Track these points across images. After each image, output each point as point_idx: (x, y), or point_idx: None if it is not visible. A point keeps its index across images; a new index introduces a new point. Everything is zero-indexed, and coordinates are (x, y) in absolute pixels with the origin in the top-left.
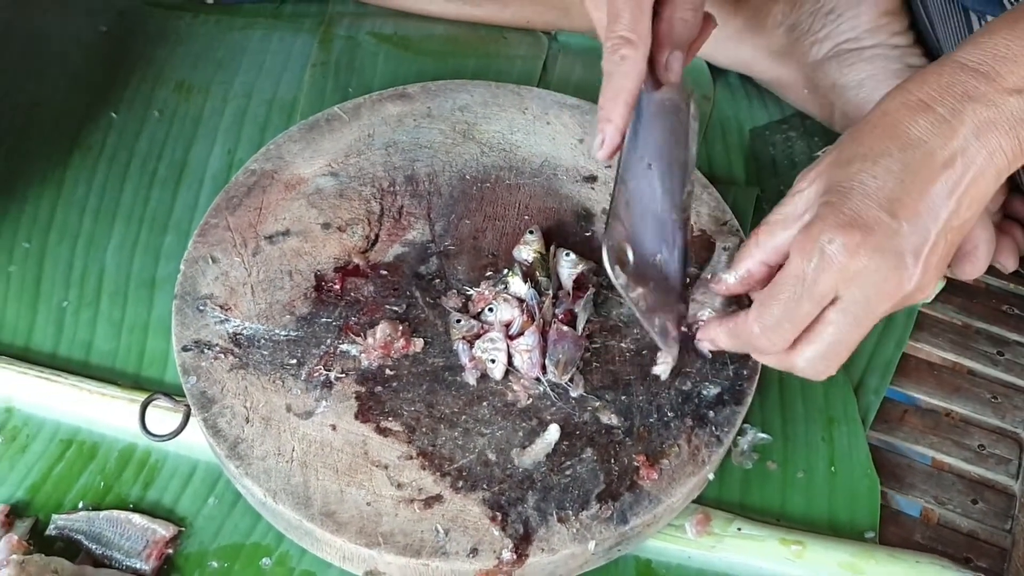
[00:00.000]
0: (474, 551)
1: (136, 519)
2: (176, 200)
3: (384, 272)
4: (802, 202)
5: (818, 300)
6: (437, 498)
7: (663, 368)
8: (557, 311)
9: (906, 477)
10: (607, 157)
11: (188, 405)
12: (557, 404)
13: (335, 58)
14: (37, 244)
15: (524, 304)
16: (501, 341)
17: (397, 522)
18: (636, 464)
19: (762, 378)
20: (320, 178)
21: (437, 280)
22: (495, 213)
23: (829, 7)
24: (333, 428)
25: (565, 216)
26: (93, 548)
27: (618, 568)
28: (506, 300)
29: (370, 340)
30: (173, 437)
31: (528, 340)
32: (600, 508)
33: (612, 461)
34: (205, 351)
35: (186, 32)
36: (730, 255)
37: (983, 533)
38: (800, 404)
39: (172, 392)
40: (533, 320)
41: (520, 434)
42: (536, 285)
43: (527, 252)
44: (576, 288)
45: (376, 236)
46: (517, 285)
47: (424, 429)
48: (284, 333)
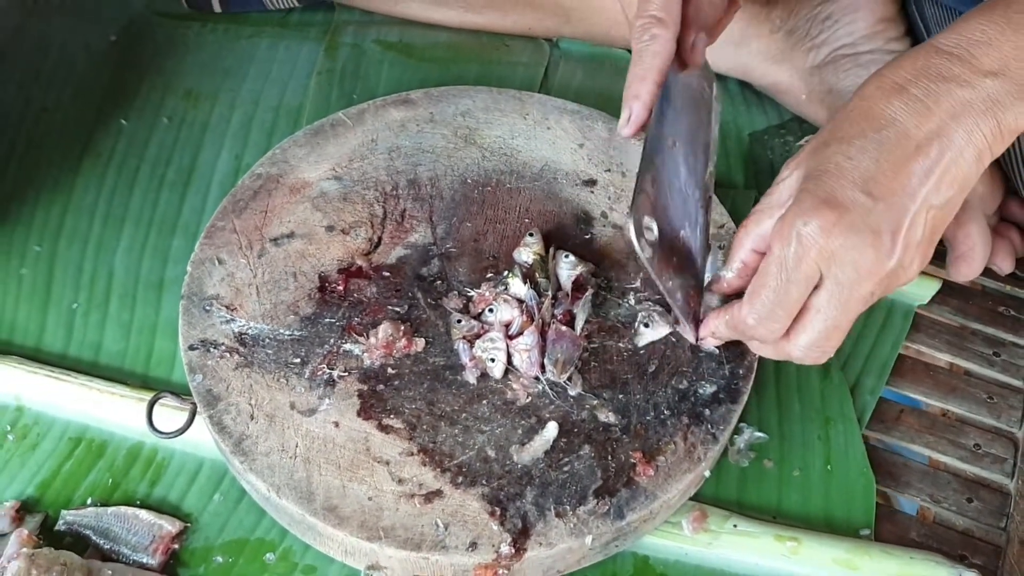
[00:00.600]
0: (473, 545)
1: (143, 515)
2: (184, 204)
3: (387, 274)
4: (786, 190)
5: (804, 282)
6: (437, 493)
7: (689, 334)
8: (556, 312)
9: (902, 476)
10: (633, 134)
11: (194, 403)
12: (555, 402)
13: (340, 65)
14: (48, 248)
15: (524, 305)
16: (501, 341)
17: (398, 517)
18: (633, 461)
19: (759, 377)
20: (324, 182)
21: (438, 281)
22: (496, 216)
23: (826, 13)
24: (336, 425)
25: (565, 219)
26: (101, 543)
27: (616, 564)
28: (506, 301)
29: (372, 340)
30: (179, 434)
31: (527, 340)
32: (597, 504)
33: (609, 458)
34: (211, 350)
35: (194, 41)
36: (725, 252)
37: (978, 531)
38: (796, 403)
39: (179, 391)
40: (532, 320)
41: (519, 431)
42: (536, 286)
43: (527, 254)
44: (575, 289)
45: (379, 238)
46: (517, 286)
47: (425, 426)
48: (288, 333)
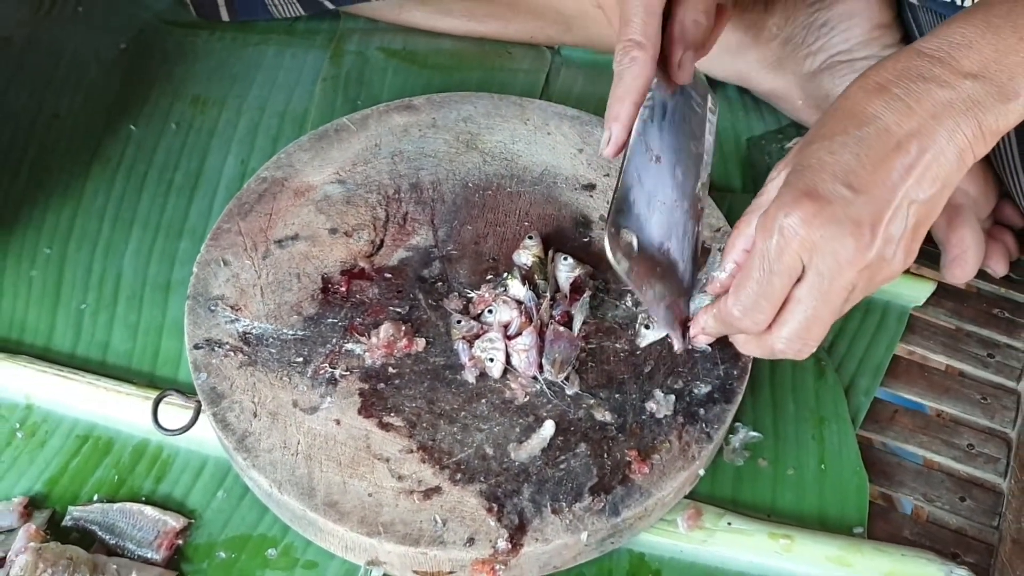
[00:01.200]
0: (471, 540)
1: (148, 511)
2: (191, 208)
3: (388, 275)
4: (773, 189)
5: (786, 273)
6: (436, 490)
7: (677, 345)
8: (554, 313)
9: (896, 475)
10: (613, 154)
11: (199, 401)
12: (553, 401)
13: (345, 72)
14: (58, 250)
15: (522, 306)
16: (500, 341)
17: (397, 512)
18: (628, 459)
19: (754, 378)
20: (328, 185)
21: (439, 283)
22: (496, 219)
23: (822, 20)
24: (337, 423)
25: (564, 223)
26: (107, 538)
27: (612, 561)
28: (505, 302)
29: (374, 340)
30: (184, 431)
31: (526, 340)
32: (593, 500)
33: (605, 456)
34: (216, 349)
35: (203, 48)
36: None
37: (971, 530)
38: (791, 404)
39: (184, 390)
40: (531, 321)
41: (517, 430)
42: (534, 288)
43: (526, 256)
44: (573, 291)
45: (381, 241)
46: (516, 288)
47: (424, 424)
48: (291, 332)
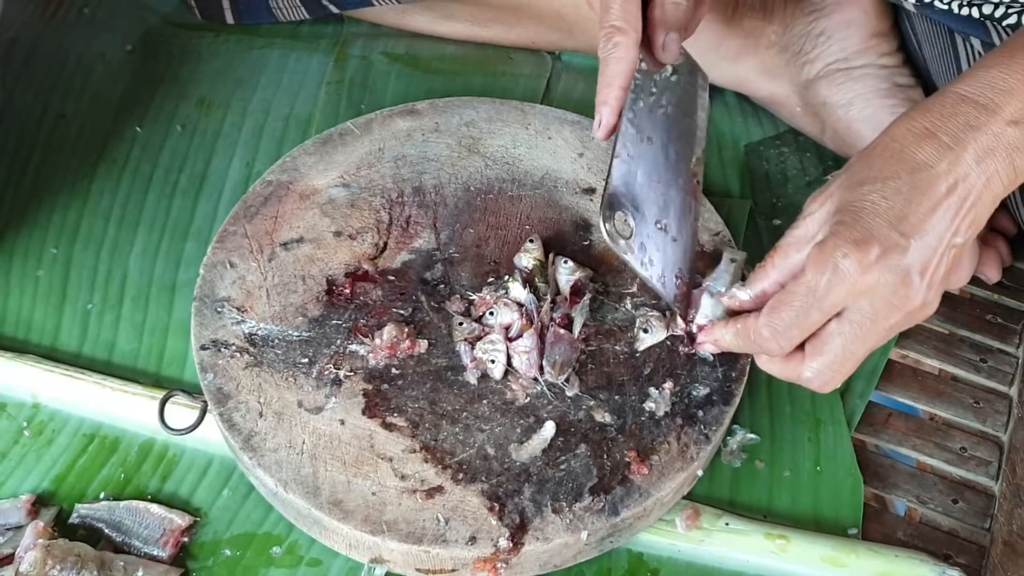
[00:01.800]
0: (473, 539)
1: (154, 509)
2: (196, 209)
3: (392, 278)
4: (814, 224)
5: (827, 311)
6: (438, 489)
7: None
8: (555, 315)
9: (890, 477)
10: (605, 136)
11: (205, 401)
12: (553, 403)
13: (349, 76)
14: (64, 250)
15: (523, 308)
16: (501, 343)
17: (400, 511)
18: (627, 460)
19: (752, 381)
20: (333, 189)
21: (442, 285)
22: (498, 223)
23: (820, 29)
24: (341, 423)
25: (564, 226)
26: (113, 536)
27: (611, 560)
28: (506, 304)
29: (377, 341)
30: (191, 431)
31: (526, 342)
32: (592, 500)
33: (605, 456)
34: (222, 350)
35: (208, 51)
36: (737, 267)
37: (963, 531)
38: (788, 406)
39: (190, 390)
40: (531, 323)
41: (518, 430)
42: (535, 291)
43: (527, 260)
44: (573, 294)
45: (385, 244)
46: (517, 290)
47: (427, 425)
48: (297, 334)
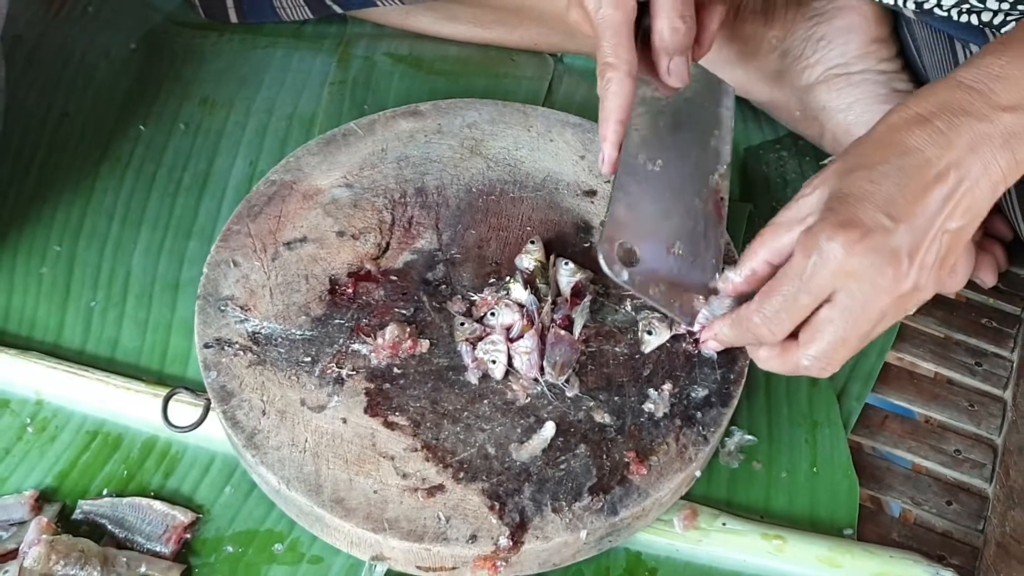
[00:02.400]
0: (473, 537)
1: (157, 505)
2: (200, 208)
3: (394, 278)
4: (806, 206)
5: (815, 294)
6: (439, 488)
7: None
8: (555, 316)
9: (885, 479)
10: (610, 171)
11: (208, 398)
12: (554, 403)
13: (352, 76)
14: (68, 248)
15: (524, 309)
16: (502, 343)
17: (402, 509)
18: (627, 460)
19: (750, 383)
20: (336, 189)
21: (443, 286)
22: (499, 224)
23: (820, 34)
24: (344, 421)
25: (565, 228)
26: (116, 532)
27: (610, 559)
28: (507, 305)
29: (380, 340)
30: (194, 428)
31: (527, 343)
32: (592, 500)
33: (604, 457)
34: (225, 348)
35: (211, 50)
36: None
37: (957, 533)
38: (785, 408)
39: (193, 387)
40: (532, 324)
41: (518, 430)
42: (536, 292)
43: (528, 261)
44: (574, 295)
45: (387, 244)
46: (518, 291)
47: (429, 424)
48: (299, 333)
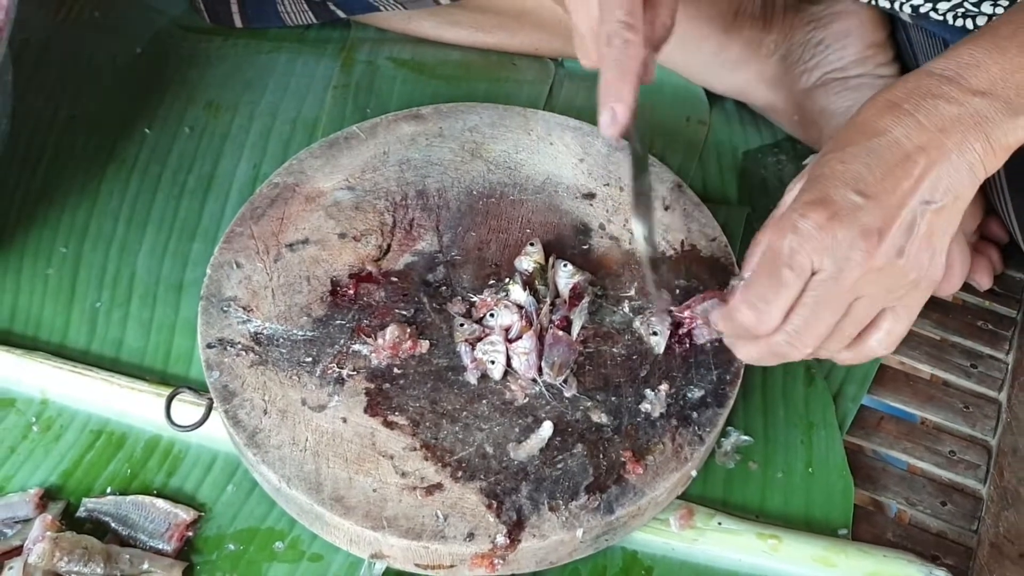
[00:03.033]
0: (471, 535)
1: (160, 503)
2: (204, 210)
3: (395, 279)
4: (790, 199)
5: (797, 273)
6: (438, 486)
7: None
8: (554, 317)
9: (880, 479)
10: (616, 133)
11: (211, 398)
12: (551, 403)
13: (355, 81)
14: (73, 249)
15: (523, 310)
16: (501, 344)
17: (401, 507)
18: (623, 459)
19: (746, 384)
20: (338, 191)
21: (443, 287)
22: (499, 226)
23: (818, 39)
24: (344, 421)
25: (564, 230)
26: (119, 529)
27: (606, 557)
28: (506, 306)
29: (380, 341)
30: (196, 427)
31: (526, 343)
32: (588, 499)
33: (601, 456)
34: (228, 348)
35: (216, 55)
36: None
37: (951, 533)
38: (781, 409)
39: (196, 387)
40: (531, 325)
41: (516, 430)
42: (535, 293)
43: (528, 263)
44: (572, 296)
45: (388, 246)
46: (517, 293)
47: (428, 423)
48: (301, 333)
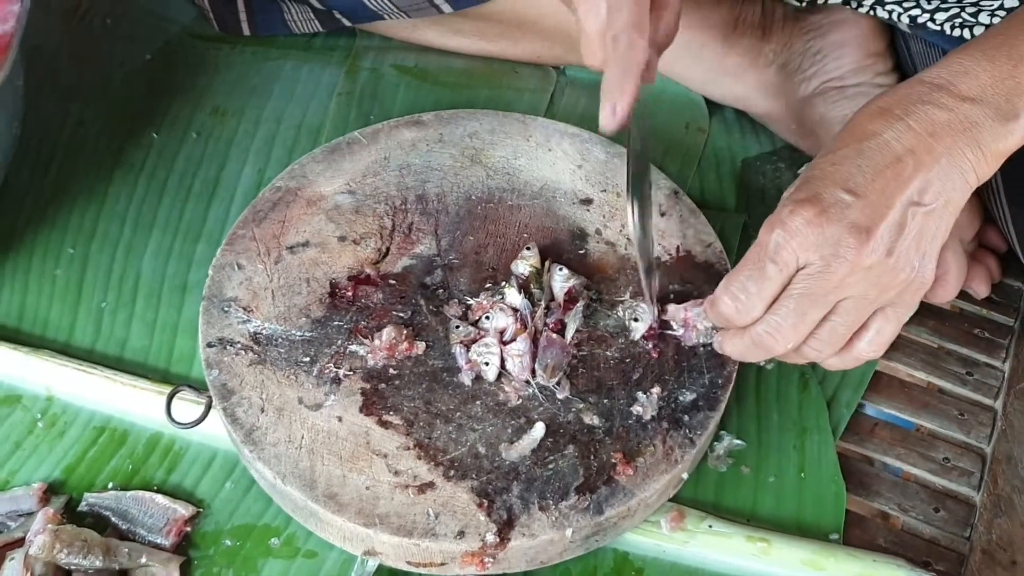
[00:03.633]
0: (461, 534)
1: (159, 499)
2: (208, 213)
3: (393, 282)
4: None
5: (780, 267)
6: (430, 485)
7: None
8: (548, 320)
9: (873, 485)
10: (616, 128)
11: (210, 396)
12: (544, 405)
13: (359, 88)
14: (81, 250)
15: (518, 313)
16: (495, 346)
17: (393, 505)
18: (614, 461)
19: (740, 389)
20: (339, 195)
21: (441, 290)
22: (497, 231)
23: (817, 48)
24: (339, 419)
25: (561, 235)
26: (120, 524)
27: (597, 559)
28: (502, 309)
29: (377, 342)
30: (196, 425)
31: (520, 346)
32: (578, 499)
33: (591, 457)
34: (227, 347)
35: (224, 61)
36: None
37: (943, 539)
38: (775, 414)
39: (196, 385)
40: (525, 328)
41: (509, 430)
42: (530, 296)
43: (524, 266)
44: (567, 300)
45: (387, 249)
46: (512, 295)
47: (422, 423)
48: (299, 334)
